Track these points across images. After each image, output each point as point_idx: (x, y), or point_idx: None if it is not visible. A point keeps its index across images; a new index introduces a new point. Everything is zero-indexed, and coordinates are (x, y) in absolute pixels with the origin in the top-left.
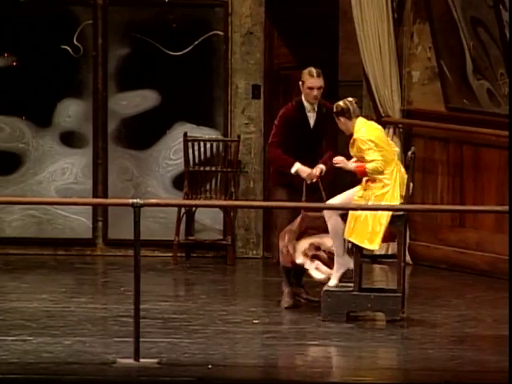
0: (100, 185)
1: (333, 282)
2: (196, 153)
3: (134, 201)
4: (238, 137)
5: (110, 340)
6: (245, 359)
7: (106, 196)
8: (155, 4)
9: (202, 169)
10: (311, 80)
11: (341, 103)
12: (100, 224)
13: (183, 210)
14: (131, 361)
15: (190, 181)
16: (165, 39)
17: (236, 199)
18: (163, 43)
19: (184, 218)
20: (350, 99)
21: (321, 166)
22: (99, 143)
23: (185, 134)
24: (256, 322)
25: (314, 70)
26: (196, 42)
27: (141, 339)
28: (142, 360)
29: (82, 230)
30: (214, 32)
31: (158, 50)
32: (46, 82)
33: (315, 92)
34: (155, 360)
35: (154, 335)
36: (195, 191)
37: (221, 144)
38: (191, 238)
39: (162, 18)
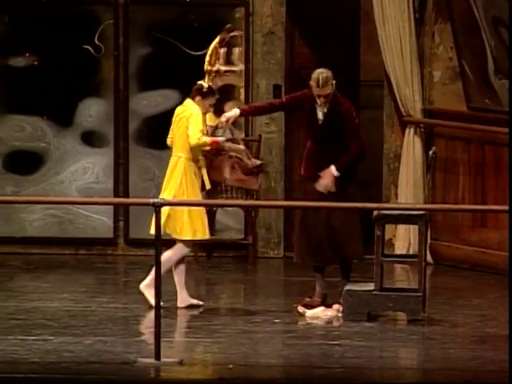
0: (121, 184)
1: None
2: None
3: (155, 200)
4: (259, 136)
5: (130, 339)
6: (266, 359)
7: (127, 195)
8: (176, 3)
9: None
10: (316, 89)
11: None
12: (121, 223)
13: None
14: (152, 360)
15: (211, 180)
16: (186, 39)
17: (257, 199)
18: (184, 43)
19: (206, 218)
20: None
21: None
22: (120, 143)
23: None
24: (277, 321)
25: (319, 79)
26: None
27: (162, 339)
28: (162, 359)
29: (103, 229)
30: (236, 31)
31: (179, 50)
32: (68, 81)
33: (322, 99)
34: (176, 359)
35: (175, 335)
36: (216, 191)
37: (242, 143)
38: (212, 237)
39: (184, 17)
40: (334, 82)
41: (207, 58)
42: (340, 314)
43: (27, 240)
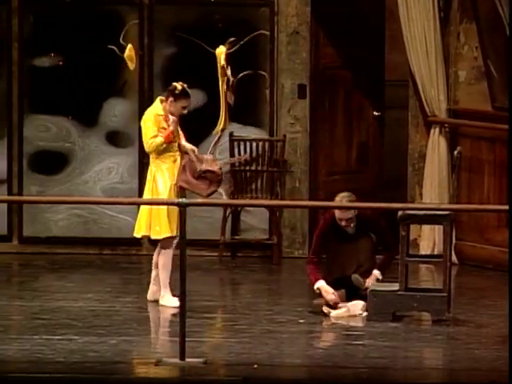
0: (144, 184)
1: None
2: (242, 152)
3: (180, 200)
4: (284, 136)
5: (155, 339)
6: (290, 359)
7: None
8: (201, 3)
9: (247, 168)
10: (338, 212)
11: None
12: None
13: (229, 209)
14: (177, 360)
15: (235, 180)
16: (210, 39)
17: (282, 199)
18: (209, 43)
19: (230, 218)
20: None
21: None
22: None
23: (231, 134)
24: (301, 321)
25: (344, 201)
26: (242, 42)
27: (186, 339)
28: (187, 359)
29: (127, 229)
30: (260, 32)
31: (203, 50)
32: (92, 81)
33: (343, 223)
34: (201, 359)
35: (200, 335)
36: (241, 191)
37: (266, 144)
38: (237, 237)
39: (208, 17)
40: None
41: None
42: (361, 312)
43: (52, 240)
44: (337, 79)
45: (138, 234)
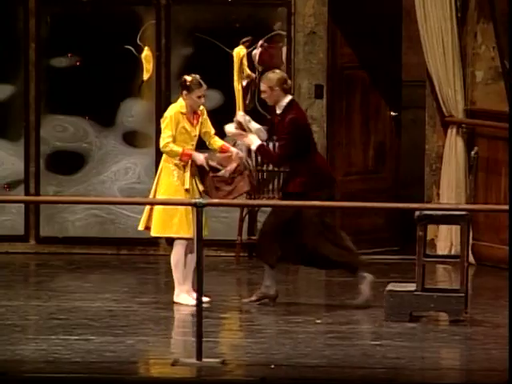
0: None
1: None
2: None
3: (197, 200)
4: None
5: (172, 339)
6: (307, 359)
7: None
8: (218, 3)
9: (264, 168)
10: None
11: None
12: None
13: (246, 209)
14: (194, 360)
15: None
16: (228, 39)
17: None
18: (226, 43)
19: (247, 218)
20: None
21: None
22: None
23: None
24: (318, 321)
25: None
26: (261, 41)
27: (203, 339)
28: (204, 360)
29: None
30: (277, 32)
31: (220, 50)
32: (109, 81)
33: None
34: (218, 360)
35: (217, 335)
36: (258, 191)
37: None
38: (254, 237)
39: (225, 17)
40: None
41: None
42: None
43: (69, 240)
44: (354, 79)
45: (150, 232)
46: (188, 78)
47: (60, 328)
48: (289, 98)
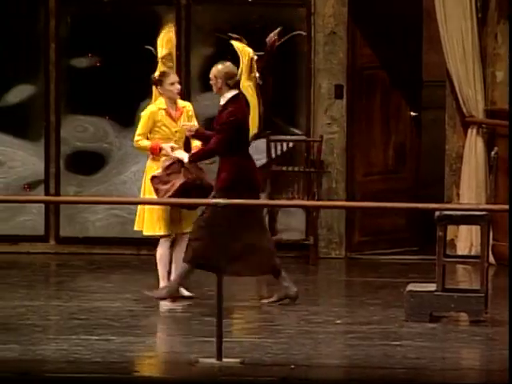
0: None
1: None
2: (279, 153)
3: (218, 201)
4: (321, 137)
5: (192, 339)
6: (328, 359)
7: None
8: (238, 4)
9: (284, 169)
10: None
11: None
12: None
13: (266, 210)
14: (214, 360)
15: (272, 181)
16: (248, 39)
17: (318, 199)
18: (248, 42)
19: (267, 218)
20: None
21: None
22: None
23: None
24: (339, 322)
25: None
26: (279, 43)
27: (223, 339)
28: (224, 360)
29: None
30: (297, 32)
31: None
32: (129, 81)
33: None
34: (238, 360)
35: (237, 335)
36: (278, 191)
37: (303, 144)
38: (274, 237)
39: (245, 17)
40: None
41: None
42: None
43: (90, 240)
44: (374, 79)
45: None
46: (154, 74)
47: (81, 328)
48: (234, 92)
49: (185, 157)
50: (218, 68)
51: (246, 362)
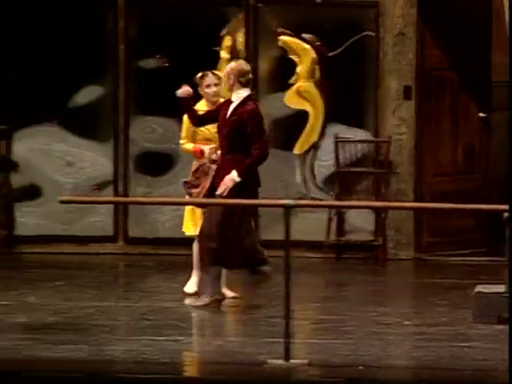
0: None
1: None
2: (347, 154)
3: (286, 202)
4: (390, 138)
5: (260, 341)
6: (396, 361)
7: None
8: (306, 4)
9: (352, 170)
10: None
11: None
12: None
13: (334, 210)
14: (282, 361)
15: (340, 182)
16: (317, 38)
17: (387, 200)
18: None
19: (335, 219)
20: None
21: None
22: None
23: (336, 135)
24: (407, 323)
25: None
26: (347, 43)
27: (291, 340)
28: (292, 361)
29: None
30: (366, 33)
31: (316, 51)
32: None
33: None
34: (306, 361)
35: (305, 336)
36: (346, 192)
37: (372, 145)
38: (342, 238)
39: (314, 18)
40: None
41: None
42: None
43: (159, 241)
44: (443, 80)
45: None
46: (197, 76)
47: (149, 329)
48: (248, 91)
49: (234, 176)
50: (232, 65)
51: (314, 363)
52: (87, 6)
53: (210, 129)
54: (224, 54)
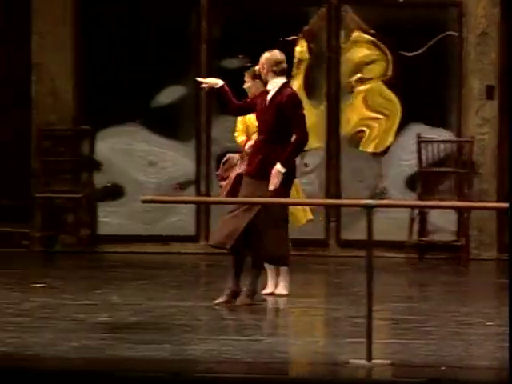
0: (332, 185)
1: None
2: (429, 154)
3: (367, 202)
4: (472, 138)
5: (342, 340)
6: (478, 361)
7: (338, 197)
8: (389, 4)
9: (434, 170)
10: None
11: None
12: (333, 225)
13: (416, 210)
14: (364, 361)
15: (422, 182)
16: (398, 39)
17: (470, 200)
18: (397, 43)
19: (417, 219)
20: None
21: None
22: (332, 144)
23: (418, 135)
24: (489, 323)
25: None
26: (430, 43)
27: (374, 340)
28: (374, 361)
29: (314, 230)
30: (448, 33)
31: (391, 51)
32: None
33: None
34: (388, 361)
35: (387, 336)
36: (428, 192)
37: (454, 145)
38: (424, 238)
39: (396, 18)
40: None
41: None
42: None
43: None
44: None
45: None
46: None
47: (230, 328)
48: (283, 78)
49: (280, 168)
50: (266, 55)
51: (396, 363)
52: (170, 7)
53: (254, 122)
54: (303, 54)
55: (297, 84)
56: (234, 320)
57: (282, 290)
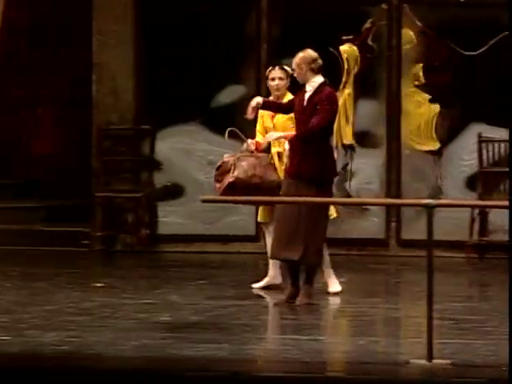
0: (393, 185)
1: None
2: (490, 153)
3: (428, 201)
4: None
5: (403, 340)
6: None
7: (399, 196)
8: (450, 3)
9: (495, 169)
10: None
11: None
12: (393, 224)
13: (477, 210)
14: (424, 361)
15: (483, 181)
16: (460, 38)
17: None
18: (458, 42)
19: (477, 219)
20: None
21: None
22: (393, 143)
23: (479, 135)
24: None
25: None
26: (491, 42)
27: (434, 340)
28: (434, 361)
29: (375, 230)
30: (507, 33)
31: (452, 50)
32: (337, 82)
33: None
34: (448, 361)
35: (447, 336)
36: (489, 192)
37: None
38: (485, 238)
39: (458, 17)
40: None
41: None
42: None
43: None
44: None
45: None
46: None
47: (289, 328)
48: (321, 78)
49: (273, 133)
50: (300, 55)
51: (457, 364)
52: (230, 6)
53: (266, 123)
54: (362, 53)
55: (351, 84)
56: (294, 319)
57: (336, 287)
